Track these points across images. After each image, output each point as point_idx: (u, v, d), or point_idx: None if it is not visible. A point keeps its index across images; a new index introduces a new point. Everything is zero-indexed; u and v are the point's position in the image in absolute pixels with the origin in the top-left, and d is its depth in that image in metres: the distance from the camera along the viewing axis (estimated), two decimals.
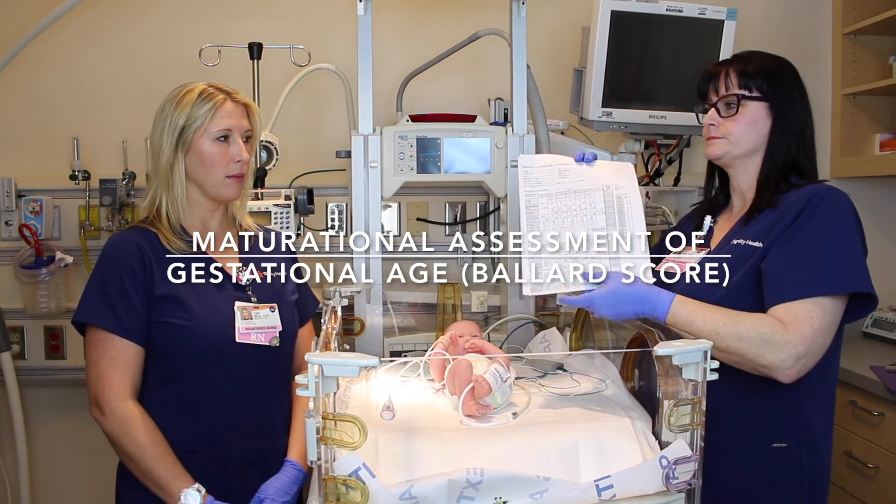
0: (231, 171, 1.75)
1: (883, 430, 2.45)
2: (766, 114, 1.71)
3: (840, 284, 1.57)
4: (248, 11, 3.00)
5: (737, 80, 1.72)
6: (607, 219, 1.65)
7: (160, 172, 1.74)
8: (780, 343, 1.51)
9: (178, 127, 1.71)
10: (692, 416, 1.30)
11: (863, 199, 1.73)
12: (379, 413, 1.46)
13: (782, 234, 1.60)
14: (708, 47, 2.58)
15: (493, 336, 2.09)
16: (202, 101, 1.72)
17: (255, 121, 1.81)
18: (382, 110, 2.79)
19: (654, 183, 2.94)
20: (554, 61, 3.01)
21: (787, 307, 1.54)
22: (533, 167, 1.73)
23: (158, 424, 1.65)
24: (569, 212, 1.66)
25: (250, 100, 1.82)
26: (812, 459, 1.66)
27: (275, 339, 1.75)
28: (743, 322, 1.53)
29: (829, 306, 1.55)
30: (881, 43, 3.13)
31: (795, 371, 1.53)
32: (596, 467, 1.30)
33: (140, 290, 1.67)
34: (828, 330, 1.56)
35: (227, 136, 1.74)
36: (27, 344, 2.88)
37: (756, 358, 1.53)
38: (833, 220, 1.59)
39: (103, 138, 2.86)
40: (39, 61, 2.92)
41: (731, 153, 1.73)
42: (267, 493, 1.64)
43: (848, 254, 1.58)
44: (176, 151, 1.72)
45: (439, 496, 1.20)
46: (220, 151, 1.73)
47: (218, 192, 1.76)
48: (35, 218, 2.82)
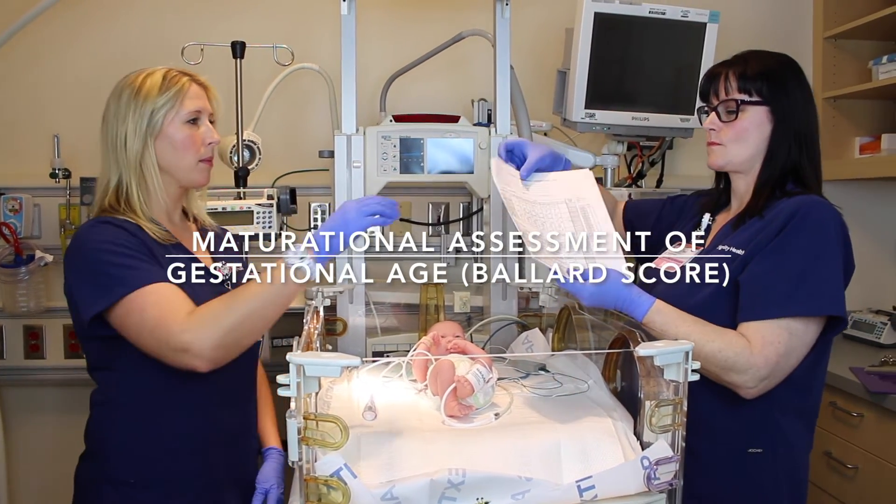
0: (203, 154, 1.70)
1: (862, 431, 2.47)
2: (767, 118, 1.68)
3: (812, 307, 1.55)
4: (232, 10, 2.99)
5: (736, 84, 1.68)
6: (575, 226, 1.63)
7: (129, 163, 1.65)
8: (744, 367, 1.52)
9: (145, 114, 1.65)
10: (673, 417, 1.31)
11: (843, 202, 1.74)
12: (361, 413, 1.45)
13: (764, 245, 1.59)
14: (690, 50, 2.59)
15: (475, 337, 2.09)
16: (168, 84, 1.67)
17: (214, 103, 1.76)
18: (366, 110, 2.78)
19: (637, 185, 2.95)
20: (537, 62, 3.02)
21: (757, 327, 1.54)
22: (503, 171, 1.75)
23: (171, 423, 1.62)
24: (538, 218, 1.65)
25: (209, 82, 1.77)
26: (788, 464, 1.66)
27: None
28: (711, 343, 1.53)
29: (799, 329, 1.54)
30: (861, 47, 3.15)
31: (757, 390, 1.54)
32: (578, 468, 1.30)
33: (150, 252, 1.58)
34: (797, 352, 1.56)
35: (197, 118, 1.69)
36: (6, 343, 2.85)
37: (720, 375, 1.54)
38: (814, 238, 1.57)
39: (84, 136, 2.81)
40: (20, 58, 2.89)
41: (733, 162, 1.71)
42: (270, 482, 1.67)
43: (823, 274, 1.56)
44: (145, 140, 1.66)
45: (421, 497, 1.19)
46: (191, 135, 1.68)
47: (190, 177, 1.71)
48: (15, 216, 2.79)
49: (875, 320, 3.01)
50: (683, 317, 1.56)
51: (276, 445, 1.80)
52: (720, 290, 1.62)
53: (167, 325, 1.47)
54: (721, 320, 1.58)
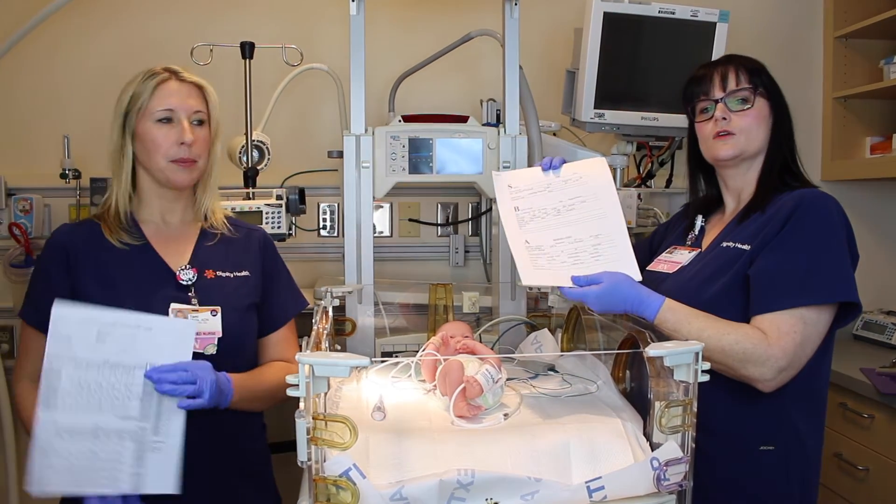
0: (173, 154, 1.64)
1: (873, 433, 2.46)
2: (770, 112, 1.72)
3: (825, 294, 1.56)
4: (241, 10, 2.99)
5: (746, 76, 1.70)
6: (590, 227, 1.63)
7: (112, 158, 1.67)
8: (763, 357, 1.52)
9: (123, 108, 1.64)
10: (683, 418, 1.30)
11: (854, 202, 1.74)
12: (370, 413, 1.45)
13: (770, 239, 1.60)
14: (700, 49, 2.58)
15: (484, 337, 2.08)
16: (144, 81, 1.64)
17: (211, 103, 1.70)
18: (374, 110, 2.79)
19: (646, 185, 2.95)
20: (546, 62, 3.02)
21: (772, 318, 1.54)
22: (517, 186, 1.73)
23: None
24: (555, 219, 1.65)
25: (203, 80, 1.72)
26: (800, 462, 1.66)
27: (211, 347, 1.63)
28: (727, 336, 1.53)
29: (813, 317, 1.55)
30: (872, 46, 3.14)
31: (776, 382, 1.54)
32: (587, 468, 1.29)
33: (62, 284, 1.63)
34: (812, 341, 1.56)
35: (170, 117, 1.64)
36: (16, 343, 2.86)
37: (738, 369, 1.54)
38: (820, 228, 1.58)
39: (94, 137, 2.80)
40: (30, 59, 2.90)
41: (747, 151, 1.71)
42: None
43: (834, 262, 1.57)
44: (123, 135, 1.65)
45: (430, 497, 1.19)
46: (162, 134, 1.63)
47: (164, 177, 1.66)
48: (25, 216, 2.80)
49: (886, 321, 3.00)
50: (696, 313, 1.56)
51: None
52: (730, 287, 1.62)
53: (15, 370, 1.67)
54: (732, 317, 1.57)
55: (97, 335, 1.44)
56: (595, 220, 1.64)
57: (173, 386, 1.46)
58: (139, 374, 1.45)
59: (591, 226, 1.63)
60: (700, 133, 1.77)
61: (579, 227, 1.63)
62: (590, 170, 1.72)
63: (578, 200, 1.67)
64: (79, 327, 1.43)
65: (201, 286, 1.68)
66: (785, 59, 1.81)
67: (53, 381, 1.42)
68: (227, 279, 1.72)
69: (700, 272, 1.69)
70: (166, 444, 1.47)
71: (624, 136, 2.72)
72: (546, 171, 1.73)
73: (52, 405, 1.42)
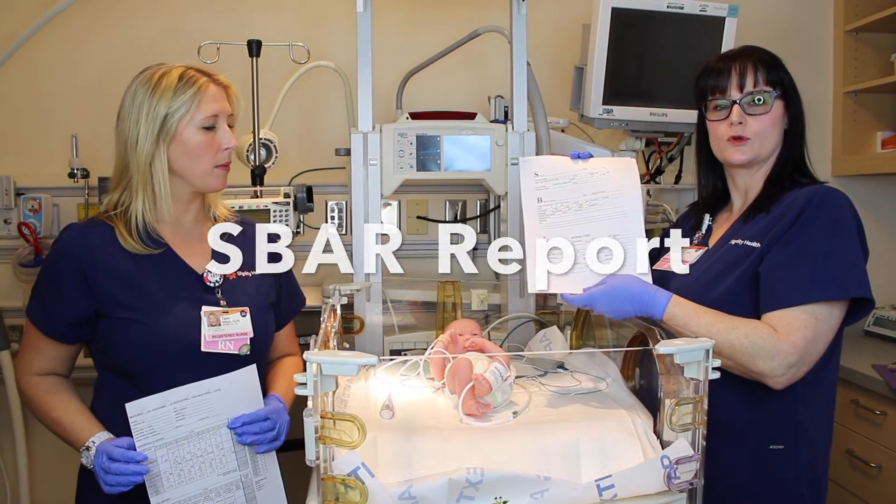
0: (220, 160, 1.64)
1: (885, 429, 2.44)
2: (784, 112, 1.69)
3: (837, 290, 1.55)
4: (247, 8, 2.99)
5: (765, 76, 1.66)
6: (610, 224, 1.62)
7: (138, 167, 1.60)
8: (772, 352, 1.50)
9: (158, 116, 1.57)
10: (694, 416, 1.29)
11: (864, 197, 1.72)
12: (378, 412, 1.45)
13: (781, 236, 1.59)
14: (709, 44, 2.57)
15: (493, 334, 2.08)
16: (184, 86, 1.59)
17: (234, 103, 1.69)
18: (382, 108, 2.78)
19: (655, 181, 2.93)
20: (554, 59, 3.01)
21: (781, 314, 1.53)
22: (543, 175, 1.69)
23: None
24: (576, 215, 1.64)
25: (229, 80, 1.71)
26: (810, 461, 1.65)
27: (245, 347, 1.65)
28: (736, 330, 1.52)
29: (824, 313, 1.54)
30: (883, 40, 3.12)
31: (786, 379, 1.53)
32: (597, 467, 1.29)
33: (80, 300, 1.59)
34: (823, 337, 1.54)
35: (214, 123, 1.62)
36: None
37: (747, 365, 1.52)
38: (831, 224, 1.57)
39: (102, 136, 2.78)
40: (38, 58, 2.91)
41: (760, 156, 1.69)
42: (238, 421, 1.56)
43: (846, 258, 1.56)
44: (157, 143, 1.59)
45: (439, 496, 1.19)
46: (207, 140, 1.61)
47: (205, 183, 1.66)
48: (34, 216, 2.82)
49: None
50: (704, 309, 1.55)
51: (277, 394, 1.69)
52: (740, 284, 1.61)
53: (20, 363, 1.67)
54: (741, 315, 1.56)
55: (175, 414, 1.52)
56: (615, 218, 1.62)
57: (256, 436, 1.56)
58: (225, 432, 1.56)
59: (610, 224, 1.62)
60: (712, 131, 1.73)
61: (598, 224, 1.62)
62: (619, 167, 1.70)
63: (601, 196, 1.65)
64: (156, 415, 1.50)
65: (227, 287, 1.69)
66: (795, 54, 1.78)
67: (153, 470, 1.50)
68: (249, 278, 1.72)
69: (708, 270, 1.68)
70: (268, 478, 1.62)
71: (633, 133, 2.71)
72: (574, 159, 1.70)
73: (159, 490, 1.51)
